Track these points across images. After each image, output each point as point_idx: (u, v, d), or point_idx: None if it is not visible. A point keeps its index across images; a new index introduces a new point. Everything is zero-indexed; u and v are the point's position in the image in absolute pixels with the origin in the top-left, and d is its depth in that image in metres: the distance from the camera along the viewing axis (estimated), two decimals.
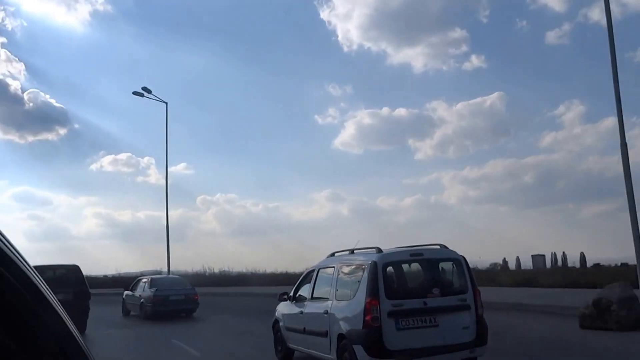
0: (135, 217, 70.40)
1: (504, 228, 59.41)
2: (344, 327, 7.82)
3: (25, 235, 74.59)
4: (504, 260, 36.78)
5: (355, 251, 8.73)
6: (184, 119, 73.97)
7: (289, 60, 74.35)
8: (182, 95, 76.75)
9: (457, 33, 63.41)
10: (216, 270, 41.06)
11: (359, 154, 69.09)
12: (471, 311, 7.83)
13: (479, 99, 64.54)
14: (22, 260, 0.90)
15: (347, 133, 68.69)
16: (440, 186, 68.91)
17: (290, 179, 73.26)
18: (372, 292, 7.52)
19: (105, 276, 42.10)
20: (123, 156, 70.19)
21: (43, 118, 65.41)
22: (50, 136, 70.55)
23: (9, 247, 0.88)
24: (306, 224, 64.71)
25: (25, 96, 63.72)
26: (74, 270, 16.34)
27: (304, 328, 9.05)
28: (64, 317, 0.97)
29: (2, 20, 72.91)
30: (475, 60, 65.89)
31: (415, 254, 8.20)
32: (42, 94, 66.80)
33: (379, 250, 8.06)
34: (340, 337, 7.90)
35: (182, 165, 62.80)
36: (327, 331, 8.27)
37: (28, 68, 69.85)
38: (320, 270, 9.25)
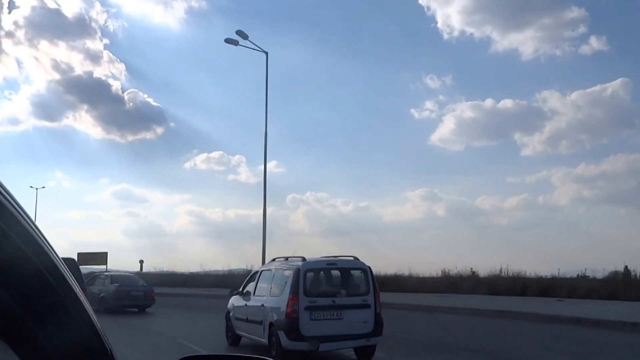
0: (225, 215, 70.15)
1: (626, 232, 52.27)
2: (273, 317, 10.12)
3: (123, 231, 77.40)
4: (626, 269, 32.28)
5: (289, 258, 11.05)
6: (275, 116, 71.85)
7: (383, 51, 69.24)
8: (275, 91, 76.20)
9: (574, 12, 55.80)
10: None
11: (459, 150, 62.85)
12: (371, 309, 10.11)
13: (598, 87, 56.55)
14: (49, 248, 0.90)
15: (446, 128, 62.17)
16: (549, 185, 62.70)
17: (382, 177, 67.90)
18: (294, 290, 9.82)
19: (192, 273, 39.50)
20: (215, 154, 69.46)
21: (142, 117, 67.85)
22: (148, 135, 72.69)
23: (37, 233, 0.88)
24: (398, 224, 60.71)
25: (126, 96, 66.51)
26: (70, 263, 16.70)
27: (247, 317, 11.36)
28: (86, 306, 0.97)
29: (105, 22, 76.15)
30: (594, 43, 57.14)
31: (331, 263, 10.55)
32: (140, 93, 68.80)
33: (304, 259, 10.38)
34: (271, 324, 10.20)
35: (273, 163, 61.05)
36: (262, 320, 10.57)
37: (128, 68, 71.49)
38: (263, 271, 11.57)
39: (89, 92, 65.28)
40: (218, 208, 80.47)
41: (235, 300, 12.40)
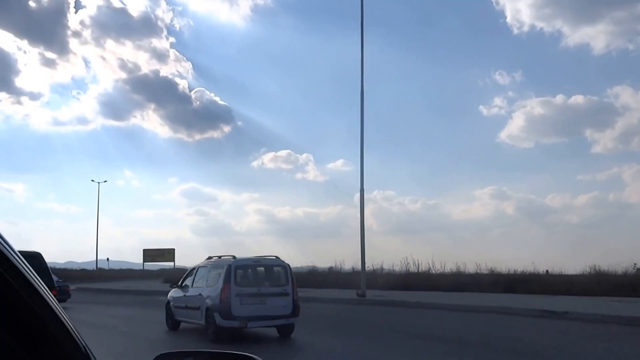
0: (293, 213, 73.14)
1: None
2: (209, 302, 12.61)
3: (192, 229, 75.69)
4: None
5: (221, 257, 13.58)
6: (341, 114, 71.07)
7: (450, 47, 69.74)
8: (340, 88, 72.83)
9: None
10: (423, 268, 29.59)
11: (528, 148, 63.28)
12: (289, 297, 12.82)
13: None
14: (14, 255, 0.89)
15: (515, 124, 63.27)
16: (620, 182, 62.99)
17: (450, 175, 68.24)
18: (226, 281, 12.38)
19: None
20: (283, 153, 71.68)
21: (209, 116, 66.69)
22: (215, 134, 71.61)
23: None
24: (466, 222, 60.51)
25: (193, 95, 65.54)
26: (35, 258, 14.66)
27: (186, 305, 13.76)
28: (55, 308, 0.97)
29: (171, 21, 74.47)
30: None
31: (256, 261, 13.25)
32: (207, 92, 69.05)
33: (234, 257, 12.97)
34: (207, 308, 12.67)
35: (340, 161, 62.65)
36: (200, 306, 13.02)
37: (194, 66, 70.61)
38: (199, 267, 14.03)
39: (156, 91, 64.75)
40: (286, 207, 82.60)
41: (174, 293, 14.74)
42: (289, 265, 13.33)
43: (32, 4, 62.65)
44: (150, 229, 78.85)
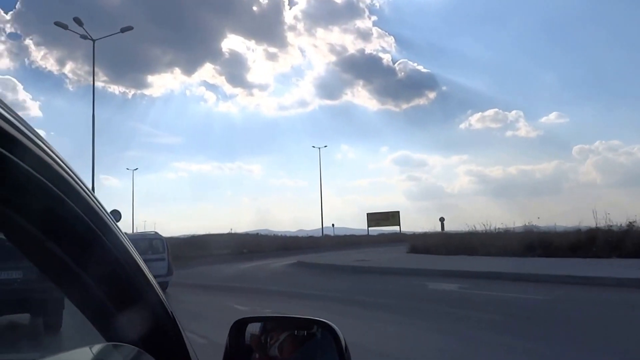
0: (506, 172, 64.29)
1: None
2: None
3: (405, 194, 71.33)
4: None
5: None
6: (549, 65, 64.50)
7: None
8: (546, 38, 65.37)
9: None
10: None
11: None
12: (165, 261, 17.71)
13: None
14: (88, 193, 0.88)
15: None
16: None
17: None
18: None
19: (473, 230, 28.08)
20: (490, 112, 66.67)
21: (413, 85, 65.89)
22: (421, 101, 69.18)
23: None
24: None
25: (396, 67, 64.47)
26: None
27: None
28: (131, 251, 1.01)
29: (372, 0, 68.20)
30: None
31: (142, 235, 17.99)
32: (410, 62, 67.97)
33: (125, 233, 17.58)
34: None
35: (554, 114, 55.59)
36: None
37: (397, 40, 65.97)
38: None
39: (363, 68, 65.34)
40: (498, 166, 78.08)
41: None
42: (164, 238, 18.24)
43: (255, 8, 62.24)
44: (367, 196, 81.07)
